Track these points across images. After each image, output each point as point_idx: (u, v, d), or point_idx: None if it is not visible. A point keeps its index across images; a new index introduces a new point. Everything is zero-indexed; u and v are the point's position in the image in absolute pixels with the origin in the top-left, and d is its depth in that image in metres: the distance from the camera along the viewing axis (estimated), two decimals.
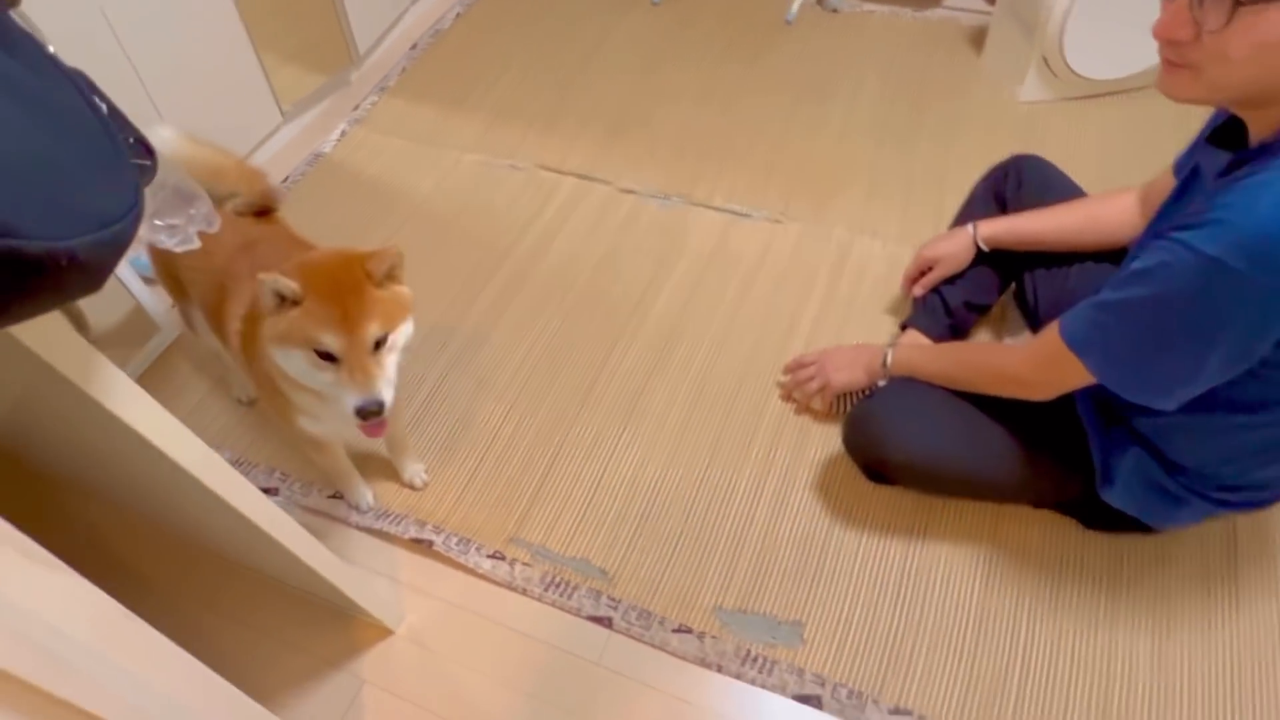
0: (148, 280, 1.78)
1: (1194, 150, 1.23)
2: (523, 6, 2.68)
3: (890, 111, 2.24)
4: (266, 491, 1.55)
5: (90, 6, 1.62)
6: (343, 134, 2.26)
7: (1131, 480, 1.29)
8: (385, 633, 1.37)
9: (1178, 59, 0.97)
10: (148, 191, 0.68)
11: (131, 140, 0.64)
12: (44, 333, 0.60)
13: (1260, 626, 1.31)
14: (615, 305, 1.81)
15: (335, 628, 1.39)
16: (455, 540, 1.45)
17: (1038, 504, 1.44)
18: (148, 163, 0.67)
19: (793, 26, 2.55)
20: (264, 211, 1.36)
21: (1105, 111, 2.18)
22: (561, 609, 1.37)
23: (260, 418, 1.67)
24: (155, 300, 1.75)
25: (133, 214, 0.54)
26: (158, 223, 0.75)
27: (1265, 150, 0.97)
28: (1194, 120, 1.20)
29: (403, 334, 1.15)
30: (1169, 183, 1.31)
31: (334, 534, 1.50)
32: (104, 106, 0.57)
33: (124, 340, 1.73)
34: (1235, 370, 1.04)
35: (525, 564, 1.42)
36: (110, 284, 1.64)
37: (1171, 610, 1.34)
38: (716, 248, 1.92)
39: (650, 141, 2.20)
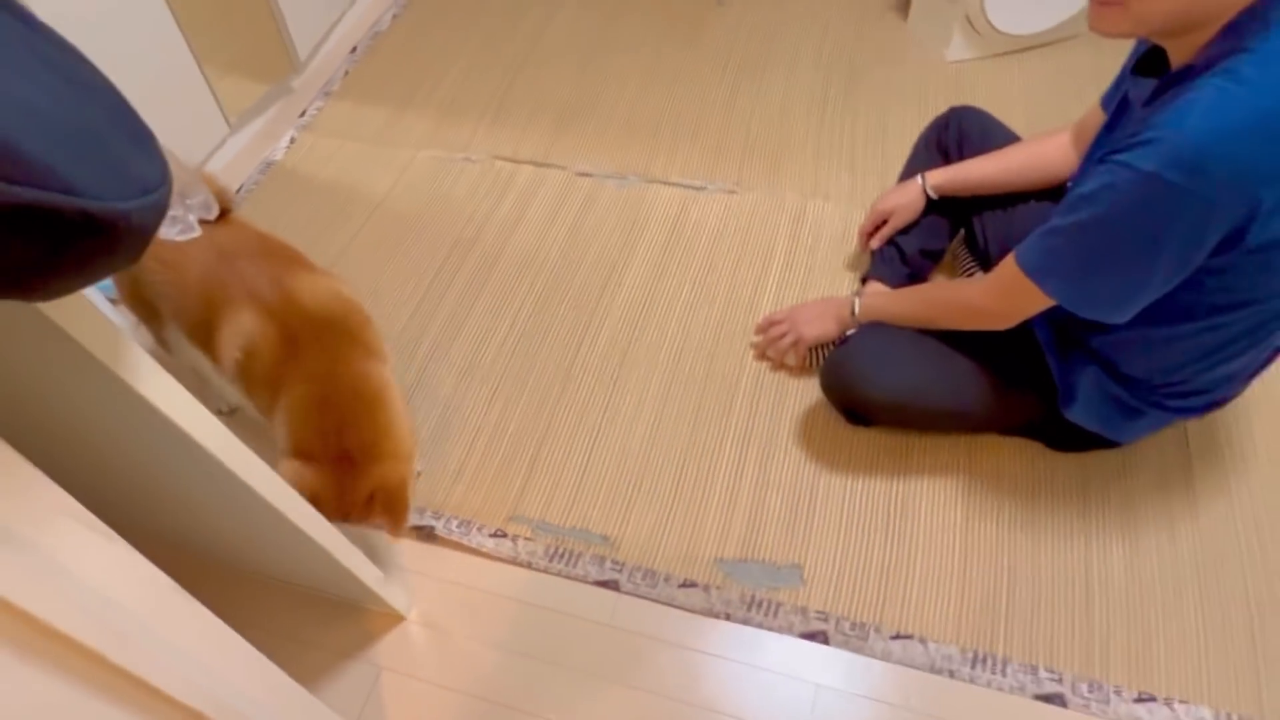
0: (112, 301, 1.75)
1: (1120, 82, 1.30)
2: (458, 4, 2.67)
3: (828, 80, 2.30)
4: None
5: None
6: (292, 140, 2.24)
7: (1091, 397, 1.37)
8: (397, 620, 1.38)
9: None
10: None
11: None
12: (72, 310, 0.61)
13: (1216, 522, 1.40)
14: (585, 284, 1.83)
15: (347, 621, 1.39)
16: (456, 523, 1.46)
17: (1006, 430, 1.51)
18: None
19: (726, 6, 2.59)
20: (221, 213, 1.35)
21: (1028, 65, 2.27)
22: (568, 578, 1.39)
23: (242, 427, 1.65)
24: (121, 319, 1.72)
25: (166, 184, 0.55)
26: None
27: (1187, 72, 1.04)
28: (1109, 68, 1.29)
29: None
30: (1098, 117, 1.39)
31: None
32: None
33: None
34: (1176, 279, 1.11)
35: (527, 539, 1.44)
36: None
37: (1137, 517, 1.42)
38: (677, 221, 1.96)
39: (600, 125, 2.22)
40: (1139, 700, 1.21)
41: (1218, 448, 1.49)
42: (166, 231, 0.78)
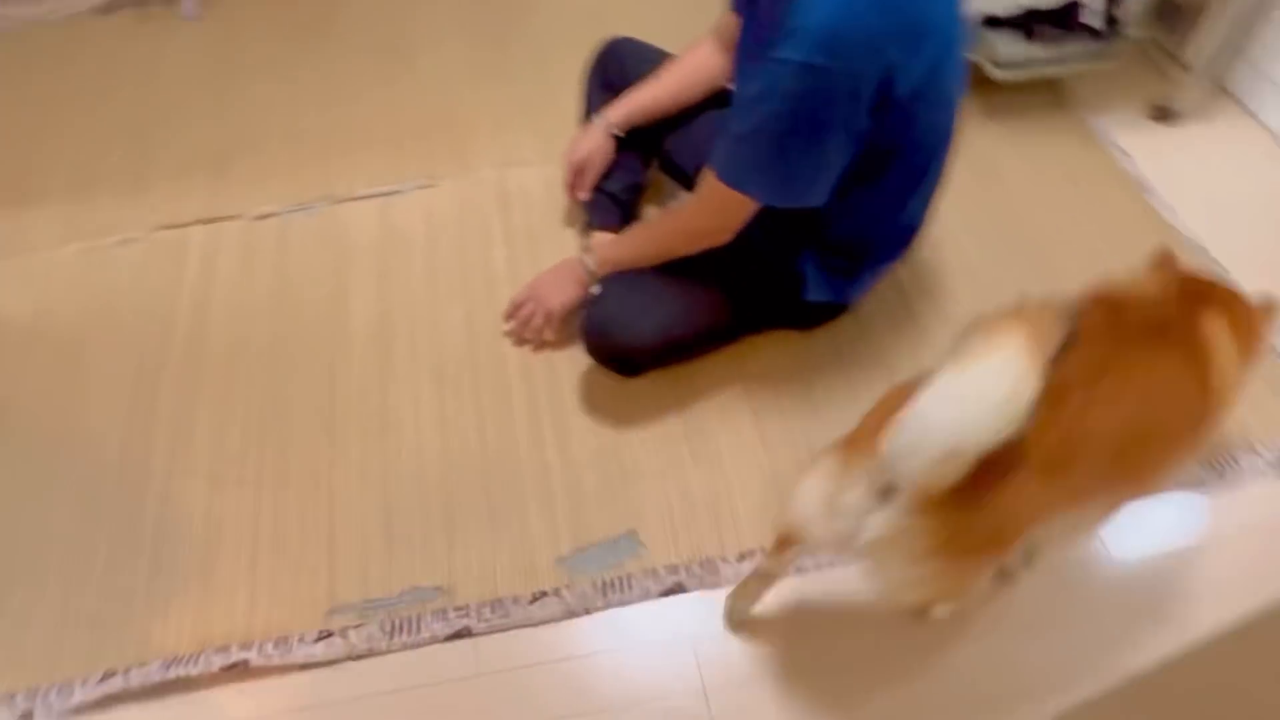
0: None
1: None
2: (31, 74, 2.10)
3: (475, 45, 2.09)
4: (23, 717, 1.16)
5: None
6: None
7: (818, 275, 1.37)
8: None
9: None
10: None
11: None
12: None
13: (934, 344, 1.46)
14: (311, 332, 1.54)
15: None
16: (271, 645, 1.19)
17: (764, 327, 1.47)
18: None
19: None
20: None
21: None
22: (417, 647, 1.18)
23: None
24: None
25: None
26: None
27: None
28: None
29: None
30: (733, 18, 1.35)
31: (122, 713, 1.16)
32: None
33: None
34: (850, 149, 1.13)
35: (358, 626, 1.20)
36: None
37: (888, 362, 1.45)
38: (383, 234, 1.69)
39: (262, 158, 1.86)
40: None
41: (931, 283, 1.55)
42: None
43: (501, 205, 1.73)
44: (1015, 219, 1.66)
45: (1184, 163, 1.76)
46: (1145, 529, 1.24)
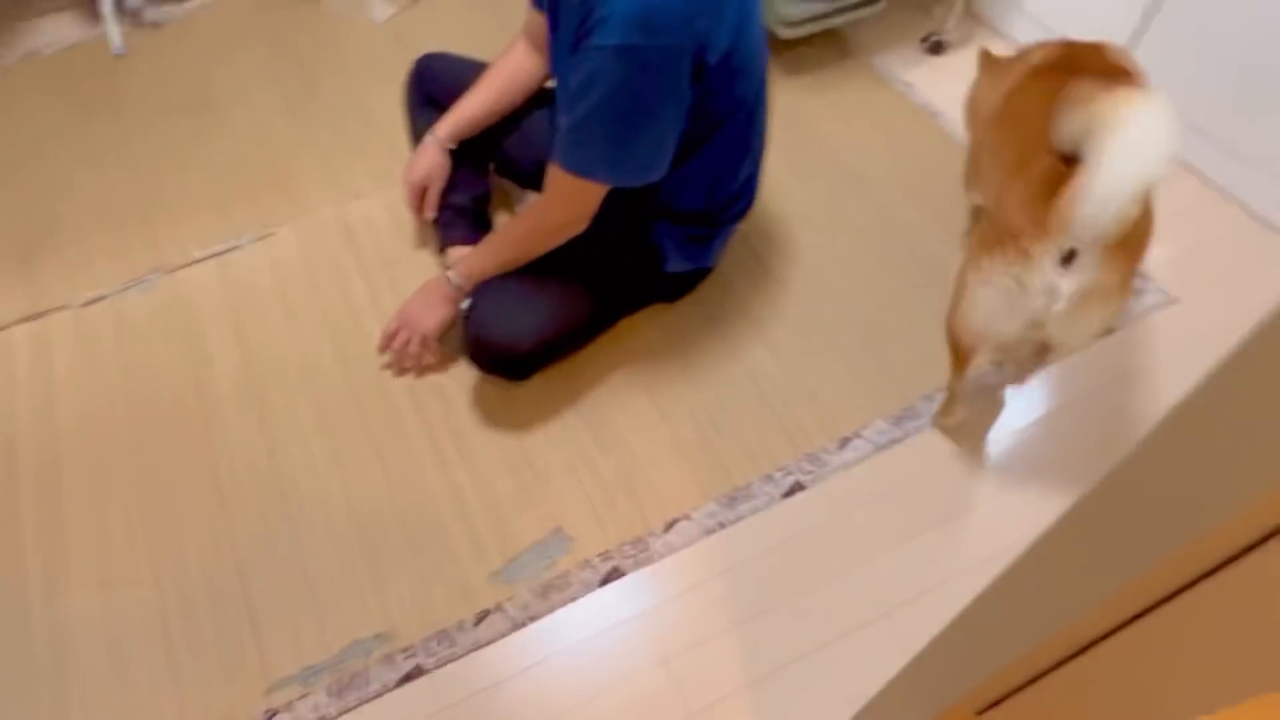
0: None
1: None
2: None
3: (285, 88, 1.94)
4: None
5: None
6: None
7: (675, 246, 1.38)
8: None
9: None
10: None
11: None
12: None
13: (805, 285, 1.52)
14: (177, 407, 1.39)
15: None
16: None
17: (636, 307, 1.47)
18: None
19: (127, 58, 2.03)
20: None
21: (439, 3, 2.10)
22: (372, 699, 1.11)
23: None
24: None
25: None
26: None
27: None
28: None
29: None
30: (539, 17, 1.33)
31: None
32: None
33: None
34: (681, 118, 1.14)
35: (303, 696, 1.11)
36: None
37: (757, 315, 1.48)
38: (229, 293, 1.55)
39: (75, 242, 1.65)
40: (842, 446, 1.29)
41: (769, 237, 1.60)
42: None
43: (348, 240, 1.62)
44: (832, 161, 1.73)
45: (958, 85, 1.89)
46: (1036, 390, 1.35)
